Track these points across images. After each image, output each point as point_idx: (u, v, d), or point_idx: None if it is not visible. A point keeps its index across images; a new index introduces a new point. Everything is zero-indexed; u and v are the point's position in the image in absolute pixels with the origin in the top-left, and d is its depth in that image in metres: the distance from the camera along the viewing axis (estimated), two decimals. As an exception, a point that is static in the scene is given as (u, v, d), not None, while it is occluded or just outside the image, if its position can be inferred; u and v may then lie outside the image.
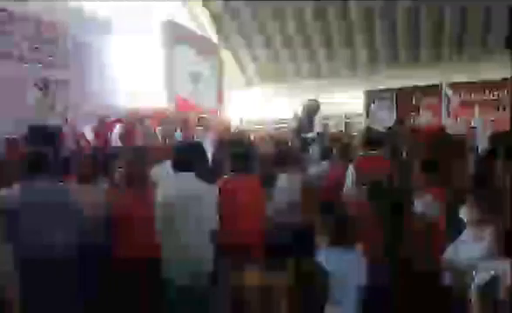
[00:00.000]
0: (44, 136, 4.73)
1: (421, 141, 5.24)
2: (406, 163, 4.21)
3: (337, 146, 4.83)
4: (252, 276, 1.98)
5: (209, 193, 3.11)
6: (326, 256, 2.33)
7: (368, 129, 6.01)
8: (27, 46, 7.30)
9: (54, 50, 7.94)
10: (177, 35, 11.42)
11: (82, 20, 8.67)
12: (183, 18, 12.90)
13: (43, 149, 3.19)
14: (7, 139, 5.67)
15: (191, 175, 3.07)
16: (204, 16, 14.11)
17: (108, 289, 3.31)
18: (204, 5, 13.86)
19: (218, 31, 14.37)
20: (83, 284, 3.00)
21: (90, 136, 7.27)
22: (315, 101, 8.67)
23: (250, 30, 14.34)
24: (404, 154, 4.99)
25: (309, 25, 13.64)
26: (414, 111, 11.99)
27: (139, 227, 3.12)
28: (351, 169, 4.05)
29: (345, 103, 13.04)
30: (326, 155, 4.96)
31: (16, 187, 3.04)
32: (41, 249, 2.85)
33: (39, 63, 7.51)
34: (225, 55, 14.62)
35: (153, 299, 3.19)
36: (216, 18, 14.17)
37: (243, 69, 15.64)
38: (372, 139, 4.38)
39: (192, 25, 13.39)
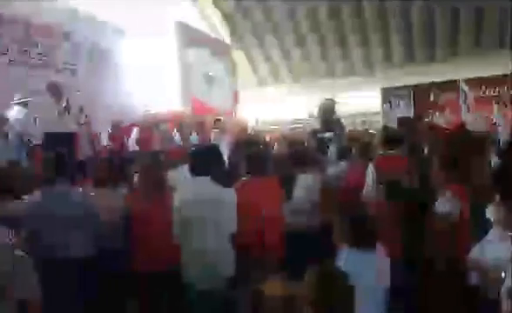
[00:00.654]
0: (60, 141, 4.79)
1: (440, 138, 5.13)
2: (425, 161, 4.12)
3: (356, 145, 4.75)
4: (275, 286, 1.94)
5: (227, 196, 3.08)
6: (347, 259, 2.29)
7: (386, 127, 5.90)
8: (36, 52, 7.43)
9: (68, 56, 8.05)
10: (190, 37, 11.45)
11: (96, 25, 8.76)
12: (195, 20, 12.94)
13: (58, 153, 3.21)
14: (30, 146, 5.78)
15: (208, 178, 3.05)
16: (215, 17, 14.13)
17: (126, 293, 3.32)
18: (215, 6, 13.88)
19: (231, 32, 14.38)
20: (100, 288, 3.00)
21: (106, 140, 7.33)
22: (331, 100, 8.56)
23: (262, 30, 14.32)
24: (423, 151, 4.89)
25: (323, 24, 13.56)
26: (432, 108, 11.77)
27: (157, 231, 3.11)
28: (371, 168, 3.98)
29: (361, 101, 12.90)
30: (344, 154, 4.88)
31: (38, 193, 3.08)
32: (58, 253, 2.87)
33: (53, 68, 7.63)
34: (238, 55, 14.63)
35: (173, 304, 3.18)
36: (228, 19, 14.19)
37: (256, 69, 15.62)
38: (390, 138, 4.30)
39: (203, 26, 13.42)
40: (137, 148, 7.14)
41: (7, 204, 3.07)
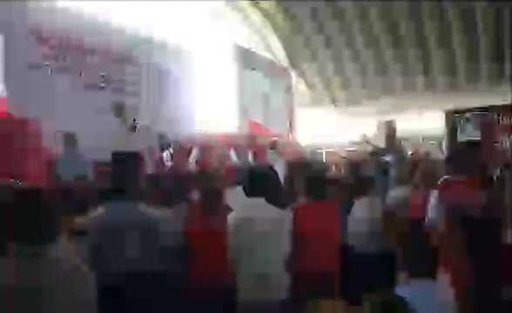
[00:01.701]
0: (126, 159, 5.00)
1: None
2: (498, 189, 3.84)
3: (419, 170, 4.53)
4: (331, 310, 1.86)
5: (283, 219, 3.04)
6: (409, 289, 2.16)
7: (453, 151, 5.60)
8: (103, 74, 7.90)
9: (133, 78, 8.51)
10: (247, 59, 11.68)
11: (157, 47, 9.20)
12: (252, 43, 13.19)
13: (123, 173, 3.33)
14: (96, 164, 6.11)
15: (263, 200, 3.03)
16: (273, 40, 14.32)
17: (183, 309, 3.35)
18: (274, 29, 14.08)
19: (288, 54, 14.49)
20: (159, 308, 3.04)
21: (167, 160, 7.57)
22: (391, 122, 8.31)
23: (319, 52, 14.28)
24: (495, 178, 4.57)
25: (383, 51, 13.27)
26: (504, 131, 10.99)
27: (214, 251, 3.12)
28: (435, 195, 3.76)
29: (423, 124, 12.40)
30: (406, 179, 4.67)
31: (101, 209, 3.20)
32: (121, 268, 2.94)
33: (117, 90, 8.10)
34: (295, 77, 14.69)
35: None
36: (286, 41, 14.32)
37: (312, 90, 15.56)
38: (457, 162, 4.06)
39: (261, 49, 13.64)
40: (196, 167, 7.31)
41: (75, 219, 3.21)
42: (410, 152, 8.76)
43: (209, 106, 10.54)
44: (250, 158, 8.39)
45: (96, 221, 3.10)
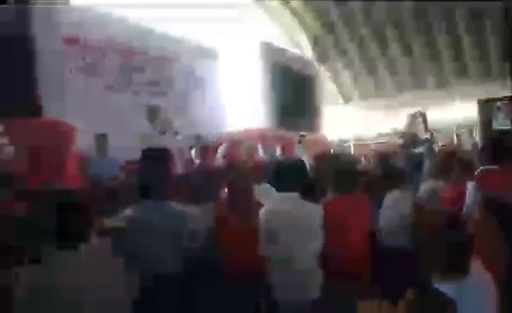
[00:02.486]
0: (155, 160, 5.07)
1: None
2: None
3: (454, 162, 4.37)
4: (369, 308, 1.82)
5: (314, 213, 3.01)
6: (446, 285, 2.09)
7: (489, 140, 5.40)
8: (134, 77, 8.04)
9: (164, 79, 8.62)
10: (275, 56, 11.63)
11: (187, 48, 9.28)
12: (280, 39, 13.14)
13: (153, 171, 3.37)
14: (126, 163, 6.23)
15: (293, 195, 3.00)
16: (301, 36, 14.24)
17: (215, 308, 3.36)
18: (301, 25, 14.01)
19: (315, 50, 14.37)
20: (192, 301, 3.07)
21: (196, 157, 7.64)
22: (421, 113, 8.10)
23: (348, 47, 14.10)
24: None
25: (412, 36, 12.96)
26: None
27: (245, 247, 3.12)
28: (471, 186, 3.63)
29: (455, 113, 12.04)
30: (439, 172, 4.53)
31: (132, 208, 3.25)
32: (154, 268, 2.98)
33: (147, 92, 8.22)
34: (323, 73, 14.54)
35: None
36: (313, 37, 14.21)
37: (340, 85, 15.39)
38: (495, 152, 3.90)
39: (288, 45, 13.57)
40: (224, 163, 7.34)
41: (106, 219, 3.28)
42: (442, 144, 8.52)
43: (237, 105, 10.57)
44: (278, 153, 8.37)
45: (127, 220, 3.15)
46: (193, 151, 7.70)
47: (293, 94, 12.18)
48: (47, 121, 6.27)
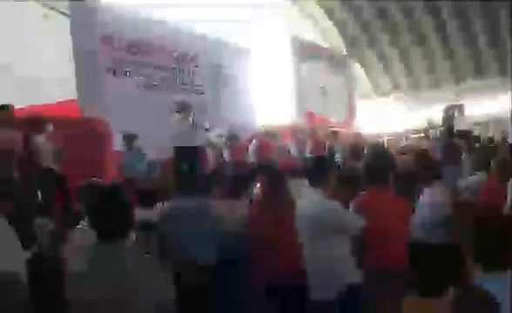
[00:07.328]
0: (189, 155, 5.13)
1: None
2: None
3: (494, 160, 4.18)
4: (411, 305, 1.79)
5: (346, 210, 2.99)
6: (487, 281, 2.01)
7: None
8: (167, 75, 8.14)
9: (195, 77, 8.72)
10: (305, 50, 11.54)
11: (217, 46, 9.34)
12: (311, 33, 13.03)
13: (187, 169, 3.42)
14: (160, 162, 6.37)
15: (316, 196, 2.99)
16: (332, 30, 14.06)
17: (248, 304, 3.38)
18: (331, 19, 13.83)
19: (347, 44, 14.15)
20: (224, 297, 3.10)
21: (228, 154, 7.69)
22: (455, 107, 7.83)
23: (380, 41, 13.81)
24: None
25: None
26: None
27: (281, 242, 3.11)
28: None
29: (495, 106, 11.56)
30: (479, 166, 4.36)
31: (166, 204, 3.31)
32: (184, 262, 3.03)
33: (179, 88, 8.33)
34: (355, 67, 14.31)
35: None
36: (345, 31, 14.01)
37: (373, 80, 15.11)
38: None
39: (319, 39, 13.44)
40: (255, 160, 7.36)
41: (141, 212, 3.35)
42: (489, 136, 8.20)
43: (268, 99, 10.56)
44: (309, 149, 8.30)
45: (162, 215, 3.22)
46: (225, 149, 7.75)
47: (324, 86, 12.06)
48: (86, 120, 6.46)
